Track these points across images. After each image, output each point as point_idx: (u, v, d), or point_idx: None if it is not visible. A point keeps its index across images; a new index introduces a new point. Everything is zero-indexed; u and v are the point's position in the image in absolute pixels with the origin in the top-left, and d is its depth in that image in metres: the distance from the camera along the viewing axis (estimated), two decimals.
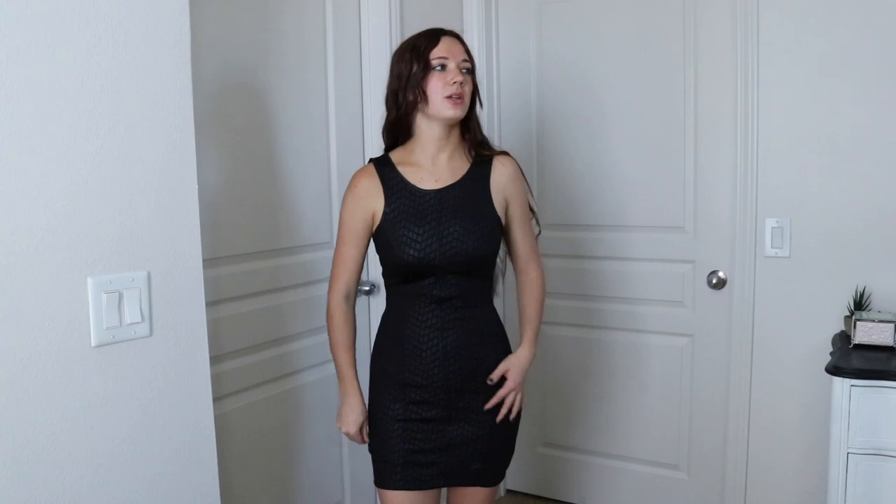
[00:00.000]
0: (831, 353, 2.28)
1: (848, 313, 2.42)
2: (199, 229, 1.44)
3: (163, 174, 1.37)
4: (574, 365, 3.05)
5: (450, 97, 1.75)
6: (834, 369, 2.09)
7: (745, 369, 2.67)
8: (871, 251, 2.45)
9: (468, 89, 1.79)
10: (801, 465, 2.59)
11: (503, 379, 1.87)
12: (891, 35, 2.36)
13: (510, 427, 1.91)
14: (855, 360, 2.14)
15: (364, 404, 1.90)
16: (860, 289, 2.43)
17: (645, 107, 2.80)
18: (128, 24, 1.30)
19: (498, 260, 1.91)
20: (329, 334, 1.92)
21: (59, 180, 1.23)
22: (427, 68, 1.76)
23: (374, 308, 2.61)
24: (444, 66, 1.76)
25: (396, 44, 2.55)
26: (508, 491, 3.27)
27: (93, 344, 1.28)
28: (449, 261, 1.77)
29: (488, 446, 1.87)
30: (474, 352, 1.84)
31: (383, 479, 1.87)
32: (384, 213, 1.81)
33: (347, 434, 1.91)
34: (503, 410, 1.86)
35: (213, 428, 1.50)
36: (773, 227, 2.58)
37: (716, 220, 2.71)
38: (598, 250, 2.95)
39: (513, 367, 1.87)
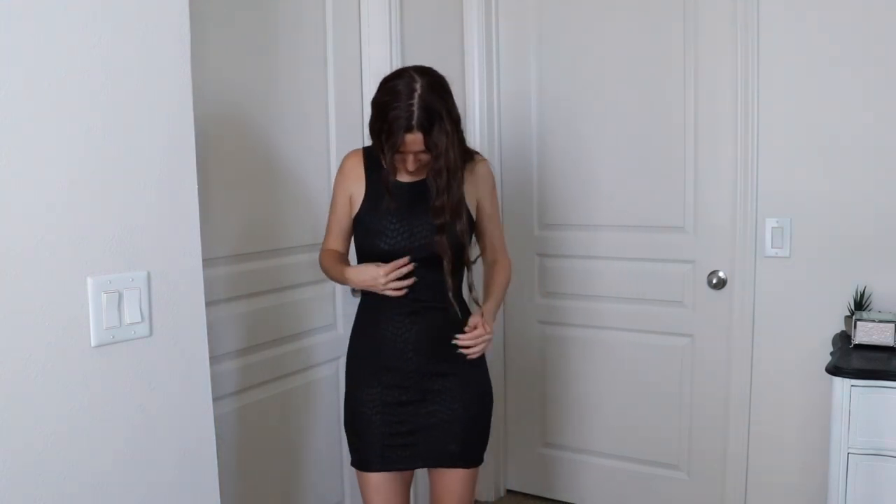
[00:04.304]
0: (831, 353, 2.28)
1: (848, 313, 2.42)
2: (199, 229, 1.43)
3: (163, 174, 1.37)
4: (574, 365, 3.05)
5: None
6: (834, 369, 2.09)
7: (746, 369, 2.67)
8: (871, 251, 2.45)
9: (424, 158, 1.85)
10: (802, 465, 2.59)
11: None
12: (891, 35, 2.36)
13: (484, 407, 2.03)
14: (855, 360, 2.14)
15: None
16: (860, 289, 2.42)
17: (645, 107, 2.79)
18: (128, 24, 1.30)
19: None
20: (325, 268, 2.03)
21: (58, 180, 1.22)
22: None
23: None
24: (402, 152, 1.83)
25: (396, 47, 2.58)
26: (508, 491, 3.27)
27: (92, 344, 1.28)
28: (419, 253, 1.88)
29: (463, 426, 1.97)
30: (444, 337, 1.93)
31: (362, 462, 1.99)
32: (363, 202, 1.94)
33: (377, 281, 1.88)
34: (474, 349, 1.93)
35: (213, 428, 1.49)
36: (773, 227, 2.58)
37: (716, 220, 2.71)
38: (597, 250, 2.95)
39: (485, 314, 1.97)
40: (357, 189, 1.95)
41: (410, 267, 1.87)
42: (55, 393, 1.24)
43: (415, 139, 1.79)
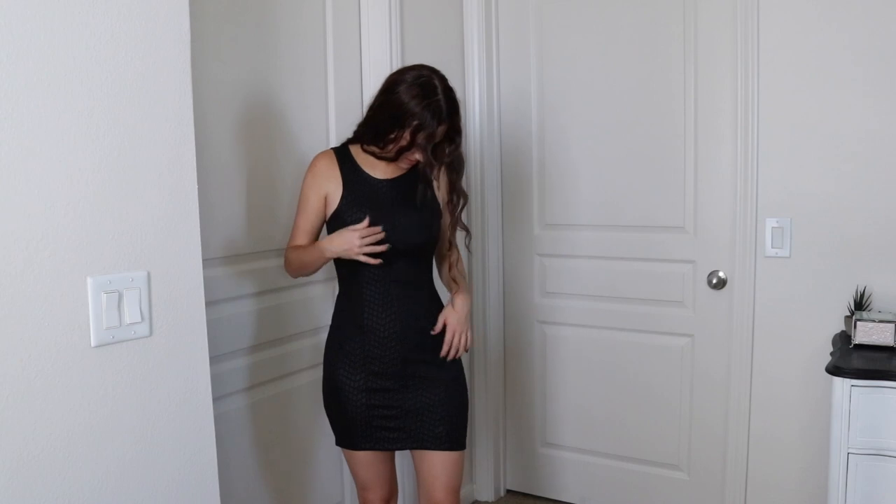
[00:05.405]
0: (832, 353, 2.28)
1: (848, 313, 2.42)
2: (199, 229, 1.43)
3: (163, 174, 1.37)
4: (574, 365, 3.05)
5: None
6: (834, 369, 2.09)
7: (746, 369, 2.67)
8: (872, 251, 2.45)
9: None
10: (802, 465, 2.59)
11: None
12: (891, 35, 2.36)
13: (462, 391, 2.10)
14: (855, 360, 2.14)
15: None
16: (860, 289, 2.42)
17: (645, 106, 2.80)
18: (128, 24, 1.30)
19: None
20: (292, 260, 2.03)
21: (58, 180, 1.22)
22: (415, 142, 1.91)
23: None
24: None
25: (396, 47, 2.58)
26: (508, 491, 3.27)
27: (93, 344, 1.28)
28: (401, 245, 1.95)
29: (447, 410, 2.04)
30: (424, 326, 2.03)
31: (348, 441, 2.06)
32: (342, 200, 1.98)
33: (352, 243, 1.90)
34: (451, 352, 2.05)
35: (213, 428, 1.49)
36: (773, 227, 2.58)
37: (716, 220, 2.71)
38: (598, 250, 2.95)
39: (449, 316, 2.05)
40: (334, 188, 1.99)
41: (382, 234, 1.91)
42: (55, 393, 1.24)
43: (442, 131, 1.92)
